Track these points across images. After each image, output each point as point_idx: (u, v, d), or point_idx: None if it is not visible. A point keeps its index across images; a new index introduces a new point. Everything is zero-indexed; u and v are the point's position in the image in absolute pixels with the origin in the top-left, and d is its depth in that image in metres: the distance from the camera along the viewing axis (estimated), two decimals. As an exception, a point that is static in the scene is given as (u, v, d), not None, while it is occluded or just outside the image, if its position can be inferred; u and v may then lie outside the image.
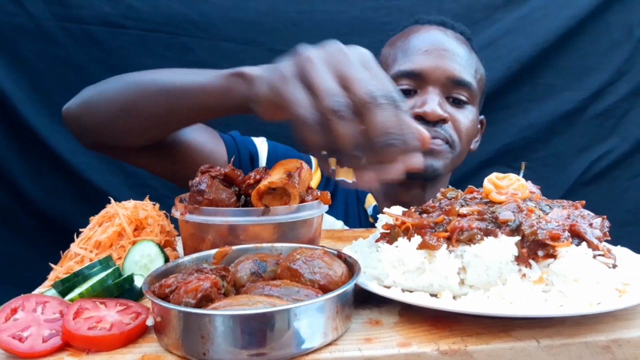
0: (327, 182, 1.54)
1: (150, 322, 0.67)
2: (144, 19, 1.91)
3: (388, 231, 0.86)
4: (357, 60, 0.78)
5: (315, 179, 1.52)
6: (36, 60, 1.86)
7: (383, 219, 0.94)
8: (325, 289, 0.67)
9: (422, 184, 1.45)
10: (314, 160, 1.54)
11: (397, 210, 0.93)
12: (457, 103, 1.40)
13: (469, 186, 0.94)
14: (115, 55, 1.90)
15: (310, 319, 0.61)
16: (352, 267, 0.73)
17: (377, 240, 0.87)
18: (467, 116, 1.40)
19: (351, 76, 0.74)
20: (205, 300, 0.63)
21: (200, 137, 1.31)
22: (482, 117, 1.59)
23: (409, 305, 0.71)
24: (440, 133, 1.36)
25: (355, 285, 0.70)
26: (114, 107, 1.13)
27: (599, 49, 2.15)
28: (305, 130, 0.74)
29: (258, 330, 0.58)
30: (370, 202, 1.49)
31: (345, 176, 1.57)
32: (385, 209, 0.93)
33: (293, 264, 0.71)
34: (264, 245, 0.84)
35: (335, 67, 0.75)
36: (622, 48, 2.16)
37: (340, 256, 0.76)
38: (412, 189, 1.45)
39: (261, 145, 1.47)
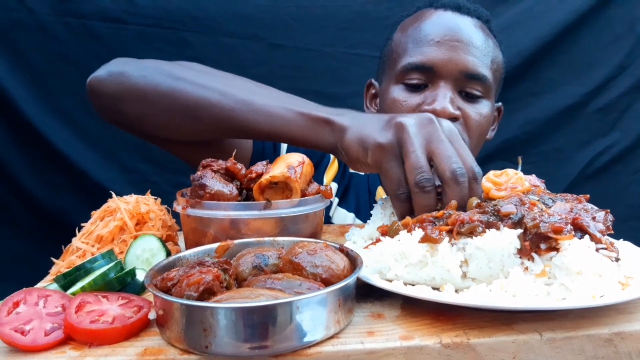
0: (343, 175, 1.53)
1: (152, 315, 0.67)
2: (144, 14, 1.91)
3: (382, 234, 0.87)
4: (446, 134, 0.89)
5: (332, 172, 1.50)
6: (36, 55, 1.86)
7: (378, 208, 0.94)
8: (327, 283, 0.67)
9: None
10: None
11: None
12: (471, 97, 1.30)
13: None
14: (115, 50, 1.89)
15: (313, 312, 0.61)
16: (354, 261, 0.73)
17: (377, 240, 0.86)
18: (479, 112, 1.31)
19: (439, 151, 0.86)
20: (207, 293, 0.62)
21: None
22: (499, 104, 1.51)
23: (411, 298, 0.71)
24: None
25: (358, 278, 0.70)
26: (169, 105, 1.09)
27: (601, 43, 2.15)
28: (393, 199, 0.90)
29: (260, 323, 0.58)
30: (380, 194, 1.49)
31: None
32: (385, 197, 0.94)
33: (295, 257, 0.71)
34: (266, 239, 0.84)
35: (427, 140, 0.87)
36: (624, 42, 2.15)
37: (342, 250, 0.76)
38: None
39: None
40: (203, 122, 1.08)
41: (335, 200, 1.51)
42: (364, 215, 1.48)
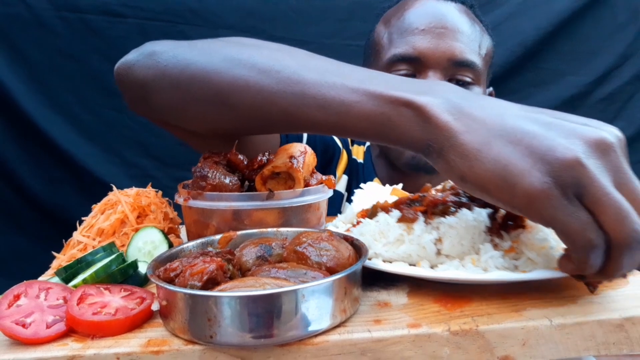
0: (351, 166, 1.49)
1: (155, 306, 0.66)
2: (143, 7, 1.90)
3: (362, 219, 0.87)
4: (625, 157, 0.61)
5: (342, 164, 1.47)
6: (34, 50, 1.85)
7: (358, 194, 0.95)
8: (332, 271, 0.66)
9: (428, 174, 1.37)
10: (338, 141, 1.48)
11: (375, 186, 0.98)
12: (462, 85, 1.27)
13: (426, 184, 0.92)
14: (114, 44, 1.88)
15: (319, 300, 0.59)
16: (359, 250, 0.72)
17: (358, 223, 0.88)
18: None
19: (634, 188, 0.58)
20: (211, 283, 0.61)
21: None
22: (490, 89, 1.48)
23: (417, 287, 0.71)
24: None
25: (363, 267, 0.69)
26: (199, 88, 0.84)
27: (603, 32, 2.13)
28: (578, 253, 0.59)
29: (265, 311, 0.57)
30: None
31: None
32: (362, 184, 0.96)
33: (299, 246, 0.70)
34: (269, 230, 0.83)
35: (613, 174, 0.58)
36: (627, 31, 2.14)
37: (347, 238, 0.75)
38: (419, 179, 1.37)
39: None
40: (236, 110, 0.82)
41: (345, 195, 1.48)
42: None
